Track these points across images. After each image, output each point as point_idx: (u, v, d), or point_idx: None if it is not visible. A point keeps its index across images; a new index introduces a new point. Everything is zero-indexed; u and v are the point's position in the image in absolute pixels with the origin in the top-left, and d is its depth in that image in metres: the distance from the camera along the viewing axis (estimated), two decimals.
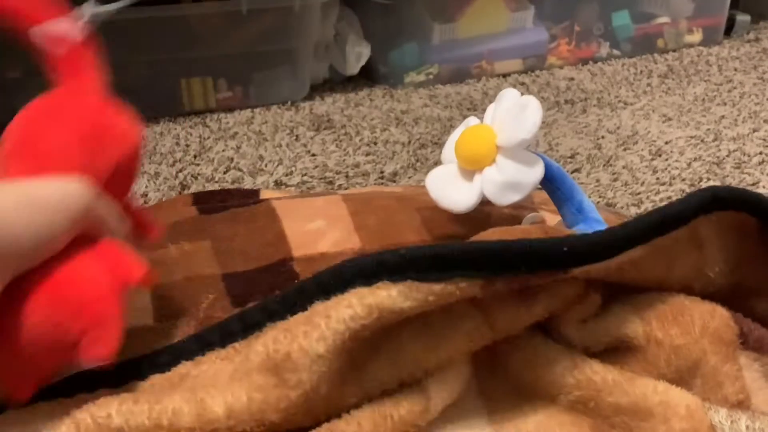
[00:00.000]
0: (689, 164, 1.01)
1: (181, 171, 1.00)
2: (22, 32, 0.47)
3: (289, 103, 1.22)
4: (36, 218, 0.34)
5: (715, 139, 1.09)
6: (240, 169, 1.01)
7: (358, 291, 0.35)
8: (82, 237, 0.36)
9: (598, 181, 0.98)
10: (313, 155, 1.05)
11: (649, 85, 1.30)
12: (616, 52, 1.42)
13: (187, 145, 1.08)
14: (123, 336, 0.36)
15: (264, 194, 0.63)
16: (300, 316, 0.37)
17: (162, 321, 0.44)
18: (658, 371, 0.39)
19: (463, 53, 1.32)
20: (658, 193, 0.94)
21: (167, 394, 0.36)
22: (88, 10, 0.47)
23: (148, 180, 0.98)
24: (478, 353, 0.40)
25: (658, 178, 0.98)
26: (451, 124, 1.14)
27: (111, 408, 0.35)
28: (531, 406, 0.38)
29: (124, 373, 0.39)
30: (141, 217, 0.44)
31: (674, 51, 1.45)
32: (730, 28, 1.51)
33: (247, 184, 0.97)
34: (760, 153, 1.05)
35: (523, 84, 1.30)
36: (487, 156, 0.50)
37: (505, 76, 1.33)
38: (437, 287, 0.34)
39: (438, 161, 1.04)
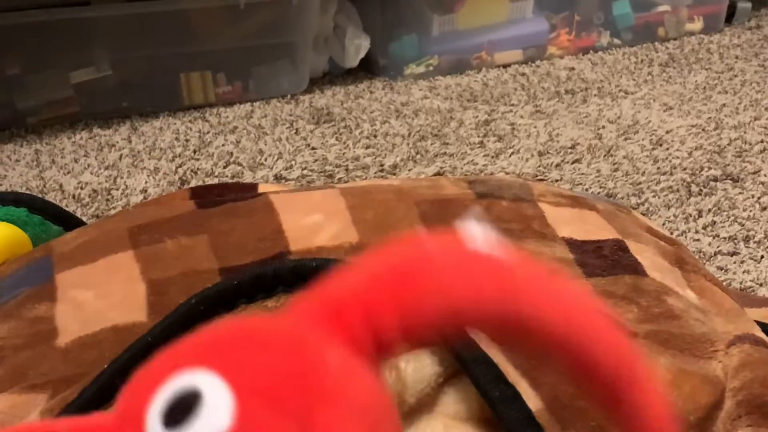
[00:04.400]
0: (690, 153, 1.01)
1: (180, 166, 1.00)
2: None
3: (289, 96, 1.22)
4: None
5: (716, 128, 1.08)
6: (240, 164, 1.01)
7: None
8: None
9: (598, 171, 0.97)
10: (313, 149, 1.04)
11: (649, 74, 1.29)
12: (616, 41, 1.42)
13: (187, 140, 1.08)
14: (114, 334, 0.36)
15: (262, 188, 0.62)
16: None
17: (157, 318, 0.44)
18: None
19: (463, 44, 1.31)
20: (659, 182, 0.94)
21: None
22: None
23: (148, 175, 0.98)
24: None
25: (659, 168, 0.97)
26: (451, 115, 1.14)
27: None
28: None
29: None
30: None
31: (675, 39, 1.44)
32: (731, 16, 1.50)
33: (247, 178, 0.97)
34: (762, 141, 1.04)
35: (523, 74, 1.29)
36: None
37: (505, 66, 1.33)
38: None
39: (438, 153, 1.04)
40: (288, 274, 0.40)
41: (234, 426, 0.18)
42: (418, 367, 0.37)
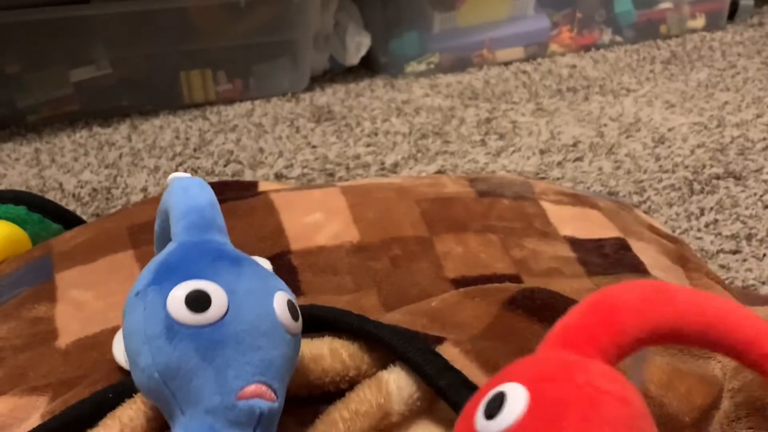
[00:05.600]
0: (692, 151, 1.01)
1: (181, 164, 1.00)
2: None
3: (290, 94, 1.21)
4: None
5: (718, 126, 1.08)
6: (240, 162, 1.00)
7: None
8: None
9: (600, 169, 0.97)
10: (314, 147, 1.04)
11: (651, 71, 1.29)
12: (618, 38, 1.41)
13: (187, 139, 1.07)
14: (115, 335, 0.35)
15: (262, 186, 0.62)
16: None
17: None
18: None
19: (464, 42, 1.31)
20: (660, 180, 0.94)
21: None
22: None
23: (148, 174, 0.98)
24: None
25: (661, 166, 0.97)
26: (453, 113, 1.13)
27: None
28: None
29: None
30: None
31: (677, 36, 1.44)
32: (733, 13, 1.49)
33: (247, 176, 0.97)
34: (764, 139, 1.04)
35: (524, 72, 1.29)
36: None
37: (506, 64, 1.32)
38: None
39: (439, 151, 1.03)
40: None
41: (527, 410, 0.26)
42: (400, 377, 0.38)
